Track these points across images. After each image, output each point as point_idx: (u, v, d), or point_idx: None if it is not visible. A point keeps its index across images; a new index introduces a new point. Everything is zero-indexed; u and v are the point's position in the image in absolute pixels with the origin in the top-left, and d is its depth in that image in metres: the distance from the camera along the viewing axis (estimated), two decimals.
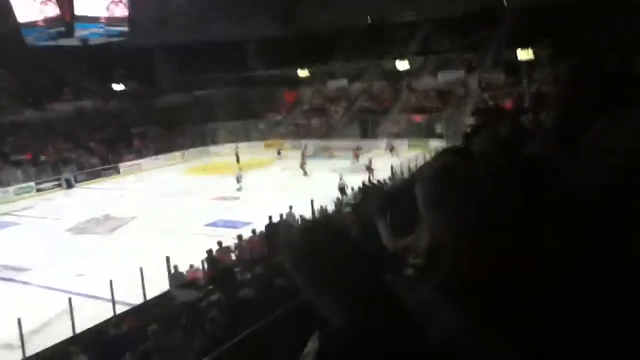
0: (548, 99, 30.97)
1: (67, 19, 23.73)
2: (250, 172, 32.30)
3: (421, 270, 1.52)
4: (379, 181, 21.49)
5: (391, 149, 33.35)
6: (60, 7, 23.40)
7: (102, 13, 24.87)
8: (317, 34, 49.22)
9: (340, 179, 23.51)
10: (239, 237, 15.71)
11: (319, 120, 41.70)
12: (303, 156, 31.52)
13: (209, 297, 11.31)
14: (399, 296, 1.23)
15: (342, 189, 22.52)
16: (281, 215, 17.20)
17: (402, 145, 33.56)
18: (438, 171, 1.57)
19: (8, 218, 26.01)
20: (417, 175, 1.66)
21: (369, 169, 26.71)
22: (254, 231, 16.29)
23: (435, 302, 1.27)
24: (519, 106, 32.30)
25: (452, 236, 1.45)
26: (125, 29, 26.30)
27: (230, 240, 15.75)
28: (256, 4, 50.26)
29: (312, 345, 1.19)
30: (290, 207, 18.13)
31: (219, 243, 15.01)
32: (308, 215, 17.32)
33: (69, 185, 31.95)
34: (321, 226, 1.33)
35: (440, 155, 1.74)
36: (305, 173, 29.96)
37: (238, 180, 27.87)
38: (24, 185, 31.12)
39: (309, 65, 45.68)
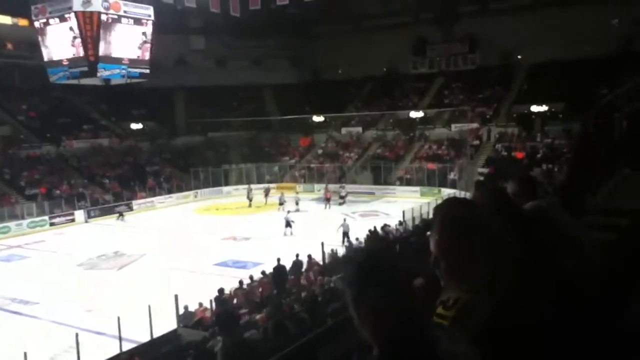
0: (560, 152, 31.18)
1: (90, 59, 24.36)
2: (262, 214, 32.56)
3: (454, 321, 1.56)
4: (386, 225, 21.43)
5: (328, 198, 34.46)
6: (85, 48, 24.08)
7: (125, 54, 25.52)
8: (333, 81, 50.35)
9: (288, 212, 27.23)
10: (251, 277, 15.66)
11: (331, 166, 42.05)
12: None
13: (215, 337, 11.21)
14: (435, 337, 1.29)
15: (288, 223, 25.79)
16: (297, 255, 17.15)
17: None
18: (453, 227, 1.62)
19: (20, 251, 26.15)
20: (432, 232, 1.72)
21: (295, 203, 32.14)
22: (263, 272, 16.24)
23: (469, 350, 1.32)
24: (531, 158, 32.42)
25: (480, 288, 1.50)
26: (146, 70, 26.94)
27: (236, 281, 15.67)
28: (274, 50, 51.68)
29: None
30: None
31: (240, 282, 14.97)
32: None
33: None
34: (382, 259, 1.36)
35: (446, 206, 1.79)
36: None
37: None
38: (37, 219, 31.40)
39: (324, 111, 46.38)
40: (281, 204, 32.28)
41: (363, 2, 40.15)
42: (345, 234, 23.33)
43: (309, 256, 17.15)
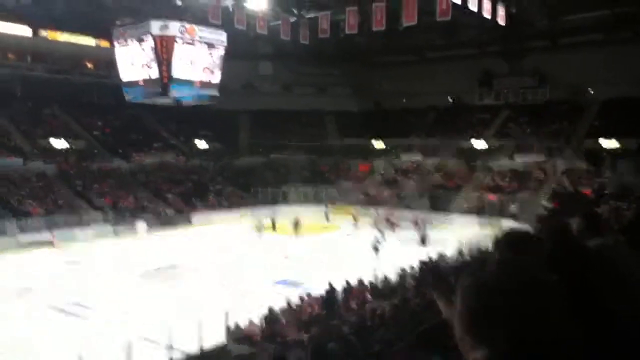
0: (630, 191, 29.71)
1: (164, 81, 25.61)
2: (316, 235, 32.70)
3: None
4: (442, 255, 20.93)
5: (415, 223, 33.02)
6: (160, 70, 25.37)
7: (197, 77, 26.69)
8: (395, 110, 50.43)
9: (377, 240, 26.04)
10: (301, 297, 15.68)
11: (390, 191, 41.83)
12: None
13: (262, 353, 11.31)
14: None
15: (375, 248, 25.09)
16: (347, 282, 17.00)
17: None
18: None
19: (84, 258, 27.35)
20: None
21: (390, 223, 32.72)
22: (309, 294, 16.17)
23: None
24: (599, 195, 31.03)
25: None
26: (215, 93, 28.04)
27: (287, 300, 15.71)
28: (338, 78, 52.47)
29: None
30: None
31: (289, 302, 15.02)
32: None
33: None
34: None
35: (507, 239, 1.80)
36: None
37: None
38: (102, 228, 32.88)
39: (385, 137, 46.43)
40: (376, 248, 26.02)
41: (428, 33, 40.19)
42: (423, 238, 28.60)
43: (359, 281, 17.01)
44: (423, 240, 29.32)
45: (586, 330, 1.45)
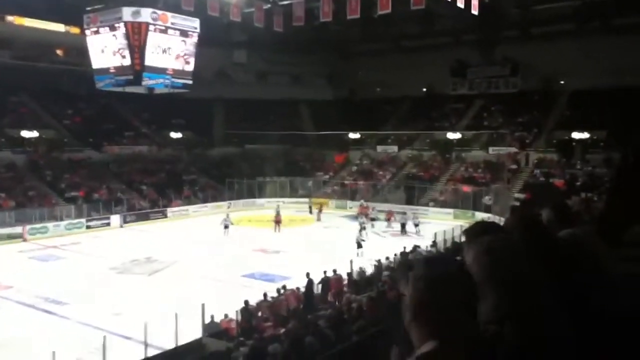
0: (600, 181, 30.35)
1: (136, 68, 25.10)
2: (294, 228, 32.63)
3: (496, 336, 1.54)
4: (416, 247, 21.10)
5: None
6: (132, 57, 24.85)
7: (170, 65, 26.21)
8: (369, 100, 50.37)
9: (360, 232, 26.56)
10: (278, 290, 15.63)
11: (365, 183, 41.98)
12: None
13: (239, 348, 11.23)
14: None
15: (359, 243, 24.84)
16: (325, 272, 16.98)
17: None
18: (487, 250, 1.59)
19: (56, 251, 26.83)
20: (465, 256, 1.73)
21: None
22: (284, 287, 16.12)
23: None
24: (570, 186, 31.65)
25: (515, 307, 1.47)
26: (188, 81, 27.58)
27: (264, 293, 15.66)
28: (313, 67, 52.11)
29: None
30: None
31: (265, 295, 14.95)
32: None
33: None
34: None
35: (477, 230, 1.80)
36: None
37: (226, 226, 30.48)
38: (75, 221, 32.24)
39: (360, 129, 46.44)
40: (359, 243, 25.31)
41: (404, 22, 40.12)
42: (403, 226, 30.30)
43: (334, 271, 17.04)
44: (402, 231, 29.58)
45: (565, 323, 1.46)
